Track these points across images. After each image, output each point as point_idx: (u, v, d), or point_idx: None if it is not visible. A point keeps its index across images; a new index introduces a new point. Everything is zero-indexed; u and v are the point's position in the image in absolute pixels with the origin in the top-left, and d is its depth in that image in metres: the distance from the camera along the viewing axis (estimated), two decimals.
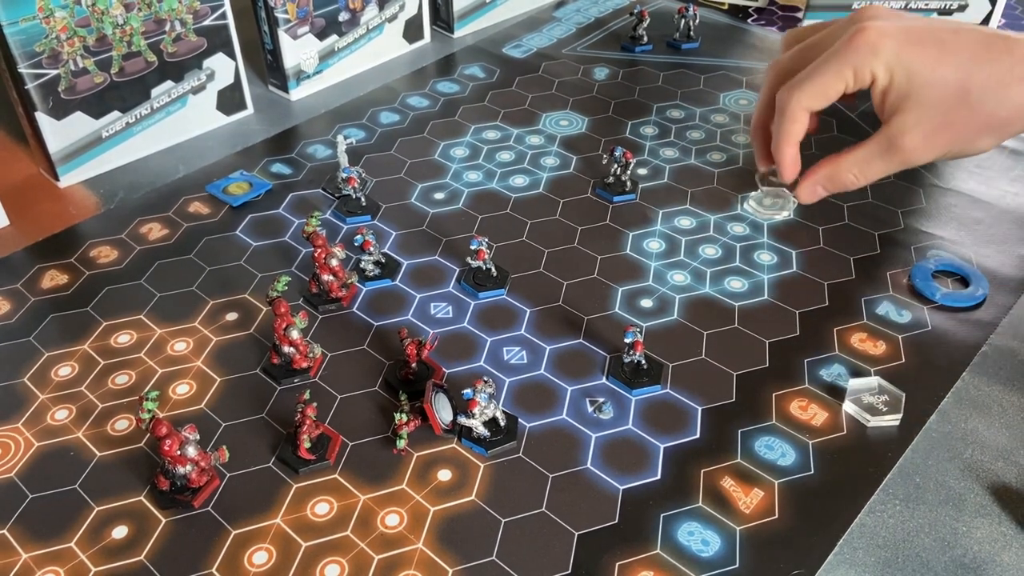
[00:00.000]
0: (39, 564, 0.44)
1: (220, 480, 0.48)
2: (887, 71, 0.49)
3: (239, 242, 0.66)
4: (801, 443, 0.50)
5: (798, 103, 0.51)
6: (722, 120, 0.80)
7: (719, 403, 0.52)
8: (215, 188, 0.71)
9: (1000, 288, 0.61)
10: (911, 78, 0.49)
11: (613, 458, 0.49)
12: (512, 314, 0.59)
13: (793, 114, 0.52)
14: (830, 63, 0.51)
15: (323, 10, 0.82)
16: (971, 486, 0.48)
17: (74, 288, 0.61)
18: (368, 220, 0.68)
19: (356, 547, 0.45)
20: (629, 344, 0.53)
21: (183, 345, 0.57)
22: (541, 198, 0.70)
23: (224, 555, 0.44)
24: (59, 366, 0.55)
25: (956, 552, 0.45)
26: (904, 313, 0.59)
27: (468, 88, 0.86)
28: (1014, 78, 0.49)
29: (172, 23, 0.73)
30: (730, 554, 0.44)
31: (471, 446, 0.50)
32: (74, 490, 0.48)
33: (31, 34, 0.65)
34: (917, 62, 0.49)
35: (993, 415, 0.52)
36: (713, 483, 0.48)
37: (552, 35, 0.96)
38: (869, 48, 0.49)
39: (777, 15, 1.00)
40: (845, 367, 0.55)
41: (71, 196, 0.72)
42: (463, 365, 0.55)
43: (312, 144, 0.77)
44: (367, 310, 0.60)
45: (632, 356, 0.54)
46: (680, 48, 0.93)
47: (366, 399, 0.53)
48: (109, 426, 0.51)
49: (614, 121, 0.80)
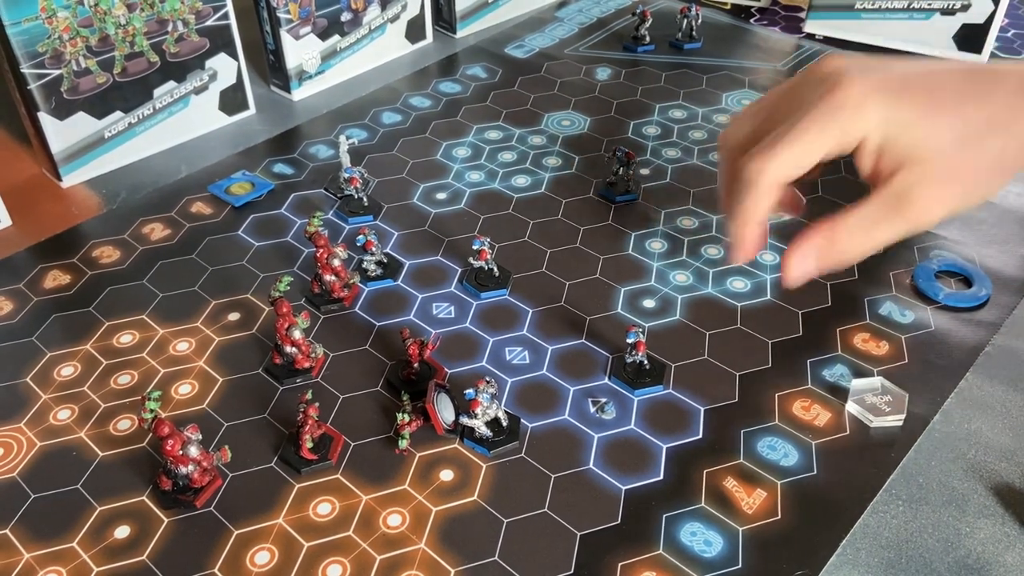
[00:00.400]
0: (41, 564, 0.44)
1: (222, 480, 0.48)
2: (879, 130, 0.43)
3: (241, 242, 0.66)
4: (804, 443, 0.50)
5: (772, 174, 0.44)
6: (724, 120, 0.80)
7: (721, 403, 0.52)
8: (217, 188, 0.71)
9: (1003, 288, 0.61)
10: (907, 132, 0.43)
11: (615, 458, 0.49)
12: (514, 314, 0.59)
13: (765, 188, 0.44)
14: (809, 124, 0.43)
15: (325, 10, 0.82)
16: (974, 487, 0.48)
17: (76, 288, 0.61)
18: (370, 220, 0.68)
19: (358, 547, 0.45)
20: (631, 344, 0.53)
21: (185, 345, 0.57)
22: (543, 198, 0.70)
23: (226, 555, 0.44)
24: (61, 366, 0.55)
25: (959, 553, 0.45)
26: (907, 313, 0.59)
27: (470, 88, 0.86)
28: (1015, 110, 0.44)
29: (174, 23, 0.73)
30: (733, 555, 0.44)
31: (473, 446, 0.50)
32: (76, 490, 0.48)
33: (34, 34, 0.65)
34: (910, 114, 0.43)
35: (996, 415, 0.52)
36: (716, 483, 0.48)
37: (554, 35, 0.96)
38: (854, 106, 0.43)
39: (780, 15, 1.00)
40: (848, 367, 0.55)
41: (73, 196, 0.72)
42: (465, 365, 0.55)
43: (314, 144, 0.77)
44: (369, 310, 0.59)
45: (635, 356, 0.54)
46: (682, 48, 0.92)
47: (368, 399, 0.53)
48: (111, 426, 0.51)
49: (616, 121, 0.80)
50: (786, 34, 0.96)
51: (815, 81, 0.45)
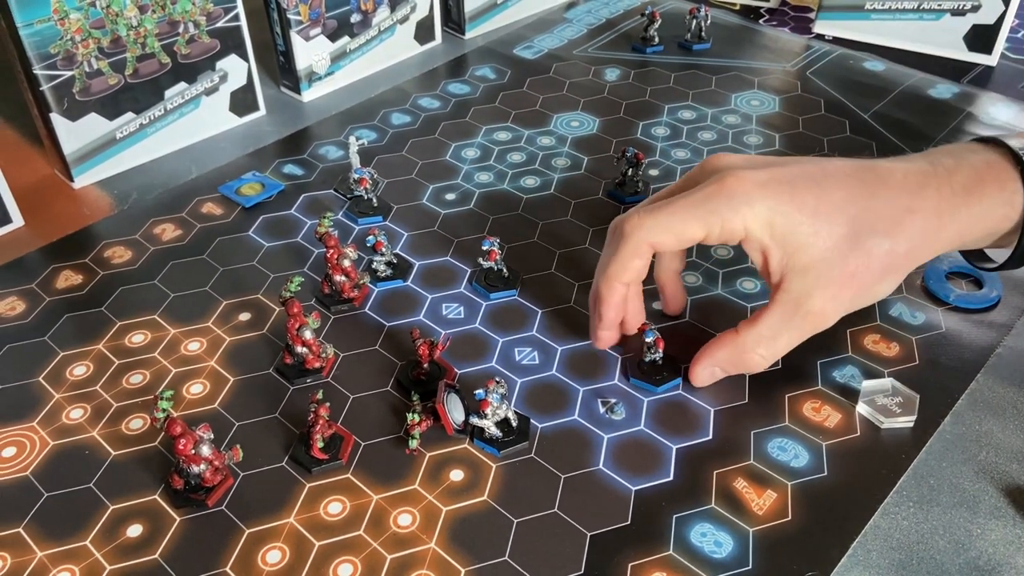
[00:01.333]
0: (54, 562, 0.44)
1: (234, 479, 0.48)
2: (765, 225, 0.43)
3: (252, 243, 0.66)
4: (814, 444, 0.50)
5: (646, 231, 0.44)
6: (734, 121, 0.80)
7: (732, 404, 0.52)
8: (228, 189, 0.71)
9: (1014, 290, 0.60)
10: (795, 231, 0.43)
11: (625, 459, 0.49)
12: (524, 315, 0.59)
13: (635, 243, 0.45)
14: (695, 204, 0.44)
15: (335, 12, 0.82)
16: (986, 488, 0.48)
17: (88, 288, 0.62)
18: (380, 221, 0.68)
19: (369, 546, 0.45)
20: (651, 343, 0.52)
21: (197, 345, 0.57)
22: (552, 199, 0.70)
23: (238, 554, 0.45)
24: (74, 365, 0.56)
25: (971, 554, 0.45)
26: (918, 315, 0.59)
27: (479, 89, 0.86)
28: (901, 210, 0.44)
29: (186, 25, 0.73)
30: (743, 555, 0.44)
31: (483, 446, 0.50)
32: (89, 489, 0.48)
33: (46, 36, 0.66)
34: (796, 213, 0.43)
35: (1008, 417, 0.52)
36: (726, 484, 0.48)
37: (563, 36, 0.96)
38: (743, 198, 0.43)
39: (789, 15, 1.00)
40: (858, 369, 0.55)
41: (85, 197, 0.72)
42: (475, 366, 0.55)
43: (324, 145, 0.77)
44: (379, 311, 0.60)
45: (654, 355, 0.53)
46: (691, 49, 0.93)
47: (378, 399, 0.53)
48: (124, 425, 0.52)
49: (625, 122, 0.80)
50: (796, 35, 0.96)
51: (708, 172, 0.46)
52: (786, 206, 0.43)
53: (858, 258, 0.44)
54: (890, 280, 0.46)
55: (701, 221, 0.44)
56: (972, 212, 0.46)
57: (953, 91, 0.84)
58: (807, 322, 0.45)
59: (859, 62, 0.90)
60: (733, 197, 0.43)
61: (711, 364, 0.48)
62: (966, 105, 0.82)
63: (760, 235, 0.43)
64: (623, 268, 0.45)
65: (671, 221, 0.44)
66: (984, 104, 0.82)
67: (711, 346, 0.47)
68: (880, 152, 0.75)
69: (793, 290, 0.44)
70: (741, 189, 0.43)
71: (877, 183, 0.45)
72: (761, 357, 0.47)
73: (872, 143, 0.76)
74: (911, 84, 0.86)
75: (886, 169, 0.46)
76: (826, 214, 0.43)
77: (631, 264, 0.45)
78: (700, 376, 0.48)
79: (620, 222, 0.45)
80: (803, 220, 0.43)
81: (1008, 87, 0.85)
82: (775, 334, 0.46)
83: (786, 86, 0.86)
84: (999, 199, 0.46)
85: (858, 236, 0.44)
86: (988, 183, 0.46)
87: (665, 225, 0.44)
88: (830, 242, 0.43)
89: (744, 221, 0.43)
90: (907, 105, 0.82)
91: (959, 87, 0.85)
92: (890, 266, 0.45)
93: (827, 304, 0.44)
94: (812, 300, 0.44)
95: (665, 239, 0.44)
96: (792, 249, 0.43)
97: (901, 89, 0.85)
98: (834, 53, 0.92)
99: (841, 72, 0.88)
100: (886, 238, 0.44)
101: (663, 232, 0.44)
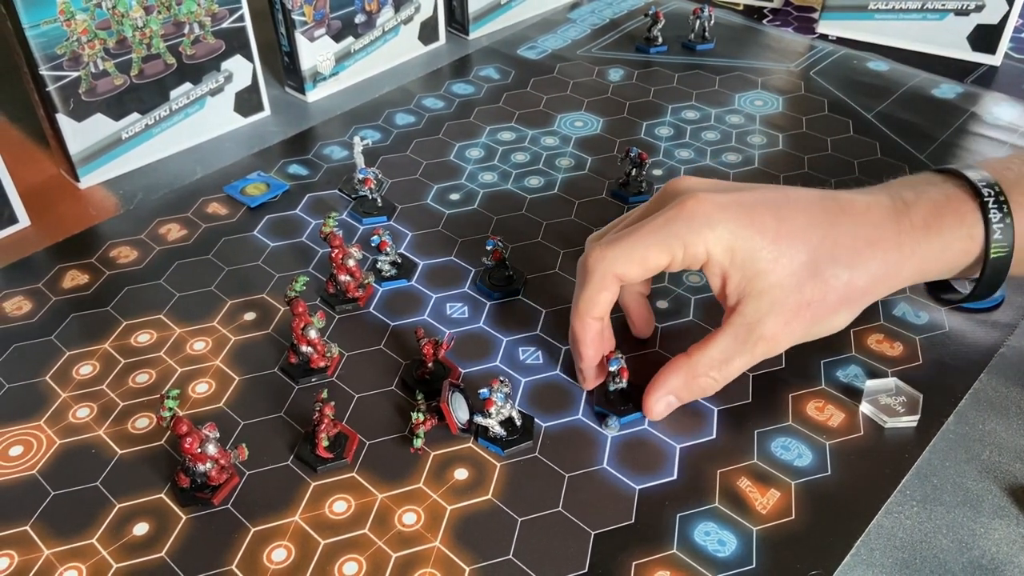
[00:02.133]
0: (61, 560, 0.45)
1: (239, 478, 0.48)
2: (726, 249, 0.43)
3: (257, 243, 0.66)
4: (818, 444, 0.50)
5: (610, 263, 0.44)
6: (737, 121, 0.80)
7: (735, 403, 0.52)
8: (233, 189, 0.71)
9: (1018, 289, 0.60)
10: (754, 255, 0.43)
11: (629, 458, 0.49)
12: (527, 314, 0.59)
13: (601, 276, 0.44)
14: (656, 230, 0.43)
15: (339, 12, 0.83)
16: (989, 487, 0.48)
17: (94, 288, 0.62)
18: (384, 221, 0.68)
19: (374, 545, 0.45)
20: (614, 372, 0.50)
21: (202, 344, 0.57)
22: (556, 199, 0.70)
23: (244, 552, 0.45)
24: (80, 365, 0.56)
25: (974, 553, 0.45)
26: (921, 315, 0.59)
27: (483, 89, 0.86)
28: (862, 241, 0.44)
29: (191, 25, 0.73)
30: (747, 554, 0.44)
31: (487, 445, 0.50)
32: (95, 487, 0.48)
33: (52, 36, 0.66)
34: (757, 237, 0.43)
35: (1011, 417, 0.52)
36: (729, 483, 0.48)
37: (567, 36, 0.96)
38: (704, 220, 0.42)
39: (792, 15, 1.00)
40: (862, 368, 0.55)
41: (91, 197, 0.72)
42: (479, 365, 0.55)
43: (328, 145, 0.78)
44: (384, 310, 0.60)
45: (618, 384, 0.51)
46: (695, 49, 0.93)
47: (383, 398, 0.53)
48: (130, 424, 0.52)
49: (629, 122, 0.80)
50: (799, 35, 0.96)
51: (670, 196, 0.45)
52: (747, 230, 0.43)
53: (815, 287, 0.44)
54: (845, 313, 0.46)
55: (663, 246, 0.43)
56: (932, 246, 0.45)
57: (957, 91, 0.84)
58: (758, 347, 0.45)
59: (863, 62, 0.90)
60: (694, 219, 0.43)
61: (665, 393, 0.47)
62: (970, 105, 0.82)
63: (721, 259, 0.43)
64: (592, 303, 0.45)
65: (633, 250, 0.43)
66: (988, 104, 0.82)
67: (664, 373, 0.47)
68: (883, 152, 0.75)
69: (747, 314, 0.44)
70: (702, 211, 0.43)
71: (839, 212, 0.44)
72: (713, 380, 0.47)
73: (876, 143, 0.76)
74: (915, 84, 0.86)
75: (847, 200, 0.45)
76: (787, 240, 0.43)
77: (599, 298, 0.45)
78: (655, 409, 0.48)
79: (584, 257, 0.45)
80: (764, 245, 0.43)
81: (1012, 87, 0.85)
82: (727, 357, 0.45)
83: (790, 86, 0.86)
84: (959, 233, 0.45)
85: (817, 265, 0.43)
86: (947, 217, 0.45)
87: (627, 255, 0.43)
88: (790, 269, 0.43)
89: (706, 244, 0.43)
90: (911, 105, 0.82)
91: (963, 87, 0.85)
92: (846, 298, 0.45)
93: (779, 330, 0.44)
94: (764, 325, 0.44)
95: (629, 269, 0.44)
96: (751, 274, 0.43)
97: (905, 89, 0.85)
98: (838, 53, 0.92)
99: (845, 72, 0.88)
100: (846, 269, 0.44)
101: (626, 262, 0.44)
